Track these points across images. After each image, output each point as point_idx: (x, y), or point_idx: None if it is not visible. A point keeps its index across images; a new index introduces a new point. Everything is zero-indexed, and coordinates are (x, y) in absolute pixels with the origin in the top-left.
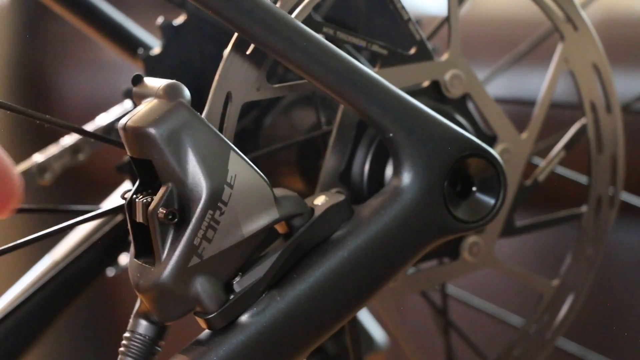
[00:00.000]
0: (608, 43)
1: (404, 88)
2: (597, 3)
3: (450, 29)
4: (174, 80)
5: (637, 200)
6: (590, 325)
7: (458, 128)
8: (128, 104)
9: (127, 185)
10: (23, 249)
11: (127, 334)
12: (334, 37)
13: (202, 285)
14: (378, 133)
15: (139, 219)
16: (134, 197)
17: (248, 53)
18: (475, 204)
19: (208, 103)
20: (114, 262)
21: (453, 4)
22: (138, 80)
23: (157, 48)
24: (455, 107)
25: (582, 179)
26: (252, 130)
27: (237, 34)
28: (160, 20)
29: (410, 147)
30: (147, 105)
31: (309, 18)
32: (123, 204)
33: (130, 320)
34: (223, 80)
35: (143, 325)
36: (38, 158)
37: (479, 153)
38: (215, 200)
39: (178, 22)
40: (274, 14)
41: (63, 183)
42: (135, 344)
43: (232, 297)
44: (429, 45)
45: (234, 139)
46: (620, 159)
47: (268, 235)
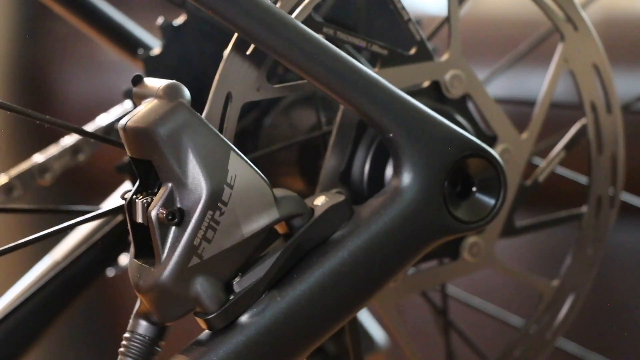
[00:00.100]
0: (608, 43)
1: (404, 88)
2: (597, 3)
3: (450, 29)
4: (174, 81)
5: (637, 200)
6: (590, 325)
7: (458, 128)
8: (128, 104)
9: (127, 186)
10: (23, 249)
11: (127, 335)
12: (334, 37)
13: (202, 286)
14: (378, 133)
15: (139, 219)
16: (134, 197)
17: (248, 53)
18: (475, 204)
19: (208, 103)
20: (114, 262)
21: (453, 4)
22: (138, 81)
23: (157, 48)
24: (455, 107)
25: (582, 179)
26: (252, 130)
27: (237, 34)
28: (160, 20)
29: (410, 147)
30: (147, 106)
31: (309, 18)
32: (123, 204)
33: (130, 321)
34: (223, 81)
35: (143, 326)
36: (38, 158)
37: (479, 153)
38: (215, 201)
39: (178, 22)
40: (274, 14)
41: (63, 183)
42: (135, 345)
43: (232, 297)
44: (429, 46)
45: (234, 139)
46: (620, 159)
47: (268, 236)
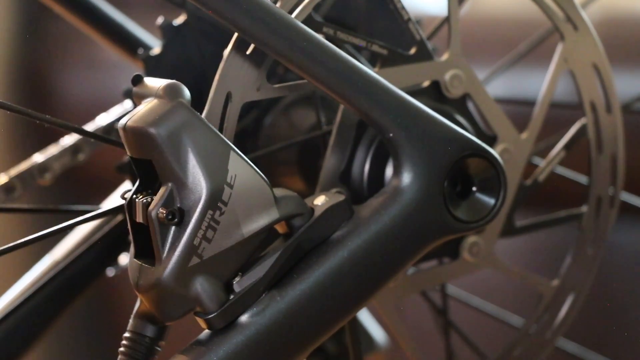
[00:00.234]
0: (608, 43)
1: (404, 88)
2: (597, 3)
3: (450, 29)
4: (174, 80)
5: (637, 200)
6: (590, 325)
7: (458, 128)
8: (128, 104)
9: (127, 185)
10: (23, 249)
11: (127, 334)
12: (334, 37)
13: (202, 285)
14: (378, 133)
15: (139, 219)
16: (134, 197)
17: (248, 53)
18: (475, 204)
19: (208, 103)
20: (114, 262)
21: (453, 4)
22: (138, 80)
23: (157, 48)
24: (455, 107)
25: (582, 179)
26: (252, 130)
27: (237, 34)
28: (160, 20)
29: (410, 147)
30: (147, 105)
31: (309, 18)
32: (123, 204)
33: (130, 321)
34: (223, 80)
35: (143, 326)
36: (38, 158)
37: (479, 153)
38: (215, 200)
39: (178, 22)
40: (274, 14)
41: (63, 183)
42: (135, 344)
43: (232, 297)
44: (429, 45)
45: (234, 139)
46: (620, 159)
47: (268, 235)
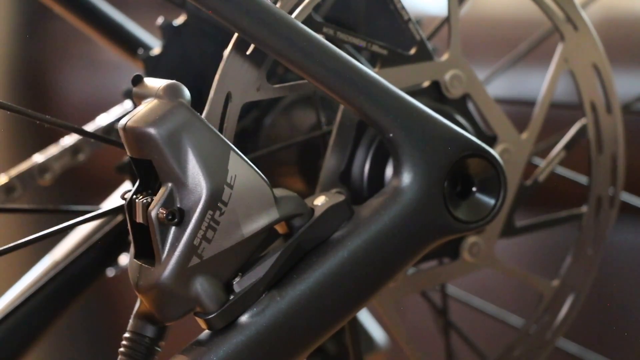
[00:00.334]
0: (608, 43)
1: (404, 88)
2: (597, 3)
3: (450, 29)
4: (174, 81)
5: (637, 200)
6: (590, 325)
7: (458, 128)
8: (128, 104)
9: (127, 185)
10: (23, 249)
11: (127, 334)
12: (334, 37)
13: (202, 286)
14: (378, 133)
15: (139, 219)
16: (134, 197)
17: (248, 53)
18: (475, 204)
19: (208, 103)
20: (114, 262)
21: (453, 4)
22: (138, 81)
23: (157, 48)
24: (455, 107)
25: (582, 179)
26: (252, 130)
27: (237, 34)
28: (160, 20)
29: (410, 147)
30: (147, 106)
31: (309, 18)
32: (123, 204)
33: (130, 321)
34: (223, 80)
35: (143, 326)
36: (38, 158)
37: (479, 153)
38: (215, 201)
39: (178, 22)
40: (274, 14)
41: (63, 183)
42: (135, 345)
43: (232, 297)
44: (429, 46)
45: (234, 139)
46: (620, 159)
47: (268, 236)
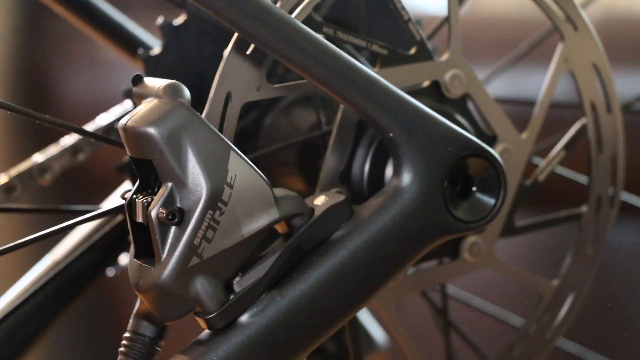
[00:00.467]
0: (608, 43)
1: (404, 88)
2: (597, 3)
3: (450, 29)
4: (174, 80)
5: (637, 200)
6: (590, 325)
7: (458, 128)
8: (128, 104)
9: (127, 185)
10: (23, 249)
11: (127, 334)
12: (334, 37)
13: (202, 285)
14: (378, 133)
15: (139, 219)
16: (134, 197)
17: (248, 53)
18: (475, 204)
19: (208, 103)
20: (114, 262)
21: (453, 4)
22: (138, 80)
23: (157, 48)
24: (455, 107)
25: (582, 179)
26: (252, 130)
27: (237, 34)
28: (160, 20)
29: (410, 147)
30: (147, 105)
31: (309, 18)
32: (123, 204)
33: (130, 321)
34: (223, 80)
35: (143, 325)
36: (38, 158)
37: (479, 153)
38: (215, 200)
39: (178, 22)
40: (274, 14)
41: (63, 183)
42: (135, 344)
43: (232, 297)
44: (429, 45)
45: (234, 139)
46: (620, 159)
47: (268, 235)
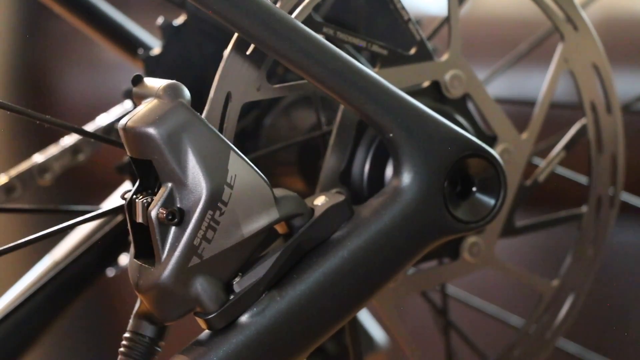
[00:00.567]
0: (608, 43)
1: (404, 88)
2: (597, 3)
3: (450, 29)
4: (174, 81)
5: (637, 200)
6: (590, 325)
7: (458, 128)
8: (128, 104)
9: (127, 185)
10: (23, 249)
11: (127, 334)
12: (334, 37)
13: (202, 286)
14: (378, 133)
15: (139, 219)
16: (134, 197)
17: (248, 53)
18: (475, 204)
19: (208, 103)
20: (114, 262)
21: (453, 4)
22: (138, 81)
23: (157, 48)
24: (455, 107)
25: (582, 179)
26: (252, 130)
27: (237, 34)
28: (160, 20)
29: (410, 147)
30: (147, 106)
31: (309, 18)
32: (123, 204)
33: (130, 321)
34: (223, 80)
35: (143, 326)
36: (38, 158)
37: (479, 153)
38: (215, 201)
39: (178, 22)
40: (274, 14)
41: (63, 183)
42: (135, 344)
43: (232, 297)
44: (429, 46)
45: (234, 139)
46: (620, 159)
47: (268, 236)
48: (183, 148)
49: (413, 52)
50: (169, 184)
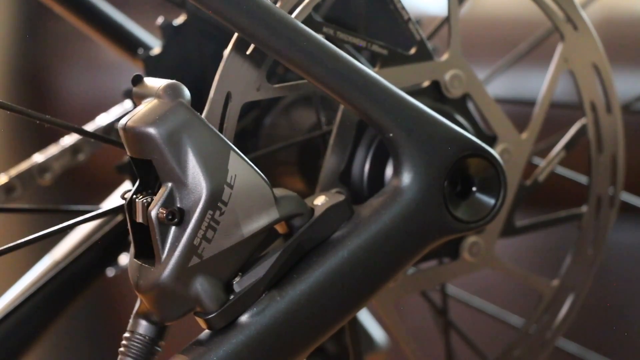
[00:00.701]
0: (608, 43)
1: (404, 88)
2: (597, 3)
3: (450, 29)
4: (174, 81)
5: (637, 200)
6: (590, 325)
7: (458, 128)
8: (128, 104)
9: (127, 185)
10: (23, 249)
11: (127, 334)
12: (334, 37)
13: (202, 285)
14: (378, 133)
15: (139, 219)
16: (134, 197)
17: (248, 53)
18: (475, 204)
19: (208, 103)
20: (114, 262)
21: (453, 4)
22: (138, 81)
23: (157, 48)
24: (455, 107)
25: (582, 179)
26: (252, 130)
27: (237, 34)
28: (160, 20)
29: (410, 147)
30: (147, 106)
31: (309, 18)
32: (123, 204)
33: (130, 320)
34: (223, 80)
35: (143, 326)
36: (38, 158)
37: (479, 153)
38: (215, 201)
39: (178, 22)
40: (274, 14)
41: (63, 183)
42: (135, 344)
43: (232, 297)
44: (429, 45)
45: (234, 139)
46: (620, 159)
47: (268, 235)
48: (183, 148)
49: (413, 52)
50: (169, 184)
